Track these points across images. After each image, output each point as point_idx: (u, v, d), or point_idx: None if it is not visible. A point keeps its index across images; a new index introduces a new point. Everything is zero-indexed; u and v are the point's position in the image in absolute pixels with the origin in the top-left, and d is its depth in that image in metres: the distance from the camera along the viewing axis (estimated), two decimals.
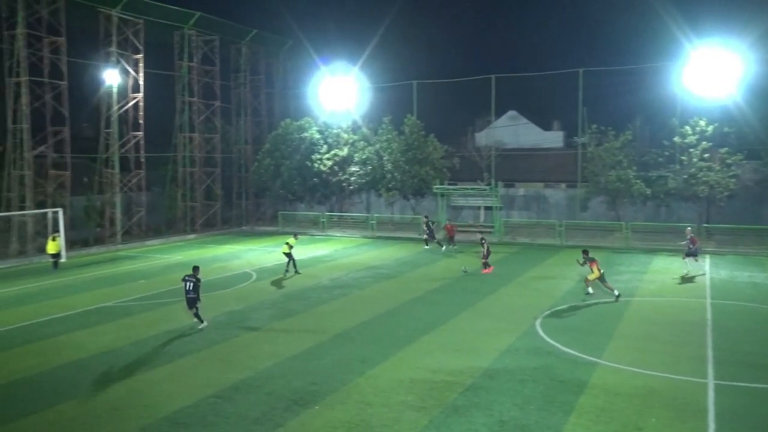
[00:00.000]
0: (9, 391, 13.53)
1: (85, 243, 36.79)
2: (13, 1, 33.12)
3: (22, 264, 31.56)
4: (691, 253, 26.06)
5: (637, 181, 36.94)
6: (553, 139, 54.42)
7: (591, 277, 21.75)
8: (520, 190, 47.31)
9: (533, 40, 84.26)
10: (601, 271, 21.70)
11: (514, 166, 47.64)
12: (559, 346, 15.99)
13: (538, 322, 18.39)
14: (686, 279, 25.11)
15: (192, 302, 18.26)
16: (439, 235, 35.63)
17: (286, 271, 27.15)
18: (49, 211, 33.31)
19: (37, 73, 34.40)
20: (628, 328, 17.77)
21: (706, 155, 35.43)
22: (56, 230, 31.65)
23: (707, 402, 12.26)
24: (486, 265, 27.38)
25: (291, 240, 27.80)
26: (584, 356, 15.11)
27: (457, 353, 15.56)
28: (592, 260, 21.83)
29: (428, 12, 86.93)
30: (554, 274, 26.05)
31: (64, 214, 33.16)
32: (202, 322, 18.39)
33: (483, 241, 27.97)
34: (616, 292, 21.26)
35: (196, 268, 18.74)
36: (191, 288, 18.17)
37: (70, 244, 34.16)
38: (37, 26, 34.40)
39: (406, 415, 11.83)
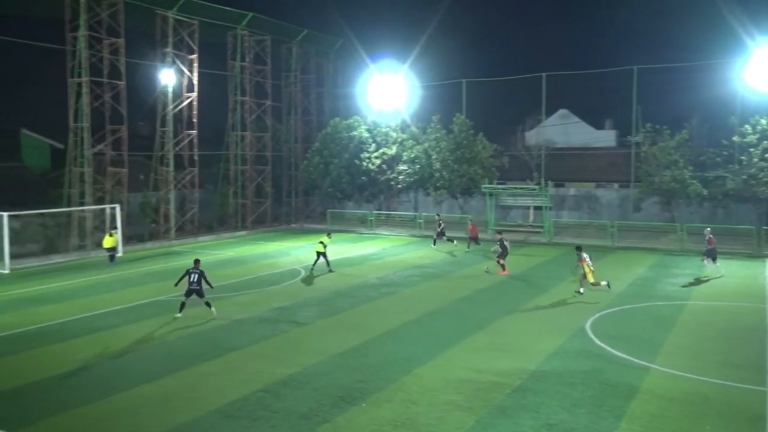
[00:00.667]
0: (66, 381, 14.02)
1: (141, 238, 37.90)
2: (75, 5, 34.32)
3: (82, 258, 32.70)
4: (706, 255, 25.74)
5: (693, 181, 35.87)
6: (605, 138, 53.27)
7: (590, 278, 21.51)
8: (571, 190, 46.55)
9: (586, 37, 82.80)
10: (592, 268, 21.71)
11: (565, 165, 46.90)
12: (610, 349, 15.68)
13: (588, 325, 18.08)
14: (701, 281, 24.56)
15: (199, 294, 18.97)
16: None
17: (329, 270, 27.15)
18: (107, 207, 34.42)
19: (97, 73, 35.56)
20: (682, 333, 17.30)
21: (767, 155, 34.17)
22: (114, 226, 32.70)
23: (765, 411, 11.83)
24: (502, 266, 26.61)
25: (325, 239, 27.82)
26: (636, 360, 14.79)
27: (504, 354, 15.44)
28: (581, 258, 21.68)
29: (478, 9, 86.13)
30: (605, 275, 25.46)
31: (121, 210, 34.25)
32: (210, 309, 19.30)
33: (499, 240, 27.14)
34: (582, 290, 21.88)
35: (197, 261, 19.58)
36: (195, 280, 18.88)
37: (127, 239, 35.22)
38: (98, 28, 35.56)
39: (453, 414, 11.80)
